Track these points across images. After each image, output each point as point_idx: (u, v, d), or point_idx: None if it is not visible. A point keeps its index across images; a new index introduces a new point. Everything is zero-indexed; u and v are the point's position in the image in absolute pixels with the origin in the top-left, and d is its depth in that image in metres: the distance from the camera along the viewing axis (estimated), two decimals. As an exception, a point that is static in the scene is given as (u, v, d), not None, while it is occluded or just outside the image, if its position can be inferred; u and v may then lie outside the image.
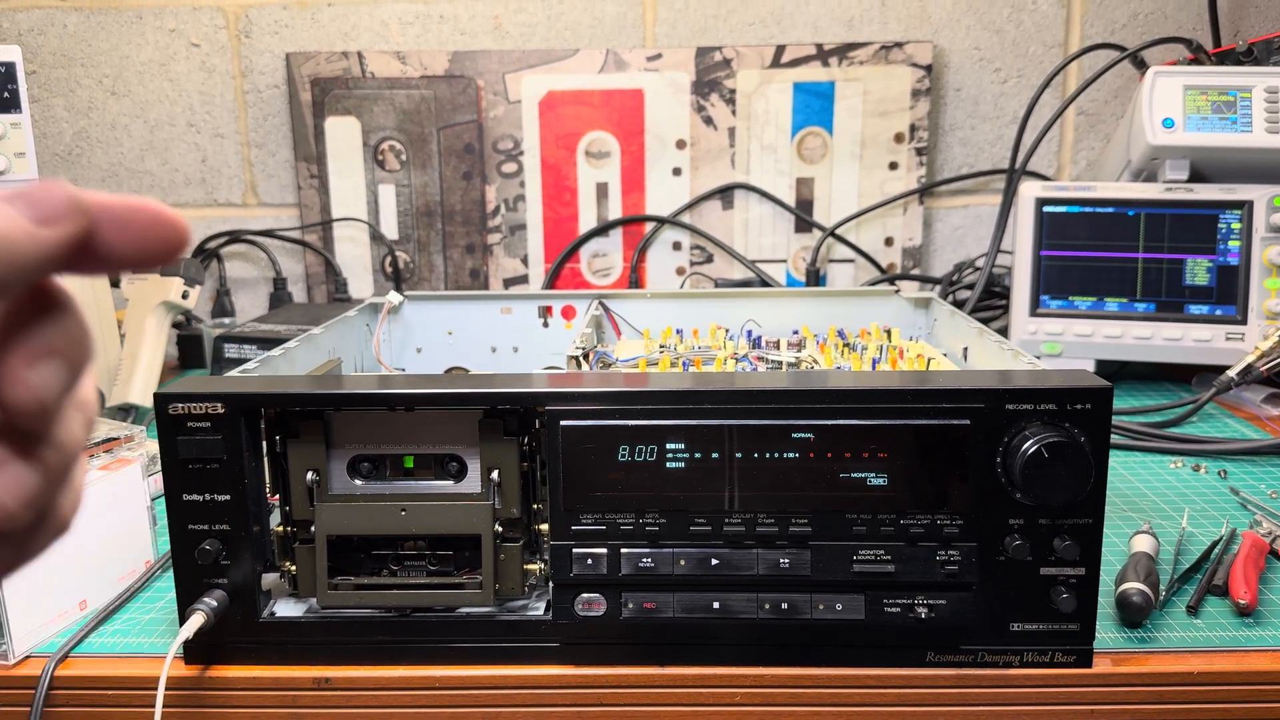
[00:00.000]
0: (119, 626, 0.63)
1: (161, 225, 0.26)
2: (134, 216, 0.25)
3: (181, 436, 0.56)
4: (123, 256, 0.25)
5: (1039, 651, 0.57)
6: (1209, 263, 1.05)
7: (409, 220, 1.30)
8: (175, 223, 0.26)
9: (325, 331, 0.82)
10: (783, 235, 1.29)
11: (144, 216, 0.25)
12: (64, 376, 0.25)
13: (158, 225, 0.26)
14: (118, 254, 0.25)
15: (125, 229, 0.25)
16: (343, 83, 1.26)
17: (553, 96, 1.26)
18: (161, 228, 0.26)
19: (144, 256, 0.26)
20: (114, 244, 0.25)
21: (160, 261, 0.26)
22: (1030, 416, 0.55)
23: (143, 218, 0.25)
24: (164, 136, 1.32)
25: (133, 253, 0.25)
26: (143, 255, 0.26)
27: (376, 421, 0.58)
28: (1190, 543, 0.71)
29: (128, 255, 0.25)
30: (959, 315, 0.83)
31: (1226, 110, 1.05)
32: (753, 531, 0.56)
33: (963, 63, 1.28)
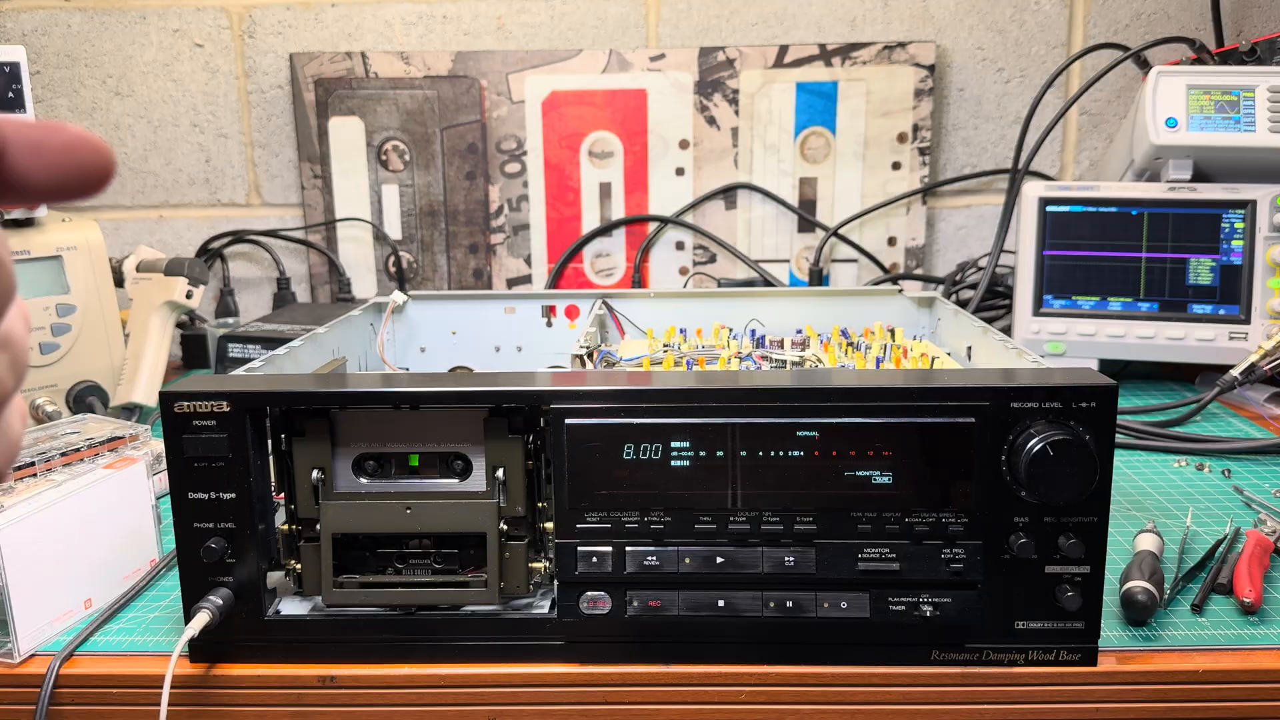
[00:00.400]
0: (124, 625, 0.63)
1: (77, 149, 0.24)
2: (48, 140, 0.24)
3: (187, 435, 0.56)
4: (36, 184, 0.24)
5: (1044, 650, 0.57)
6: (1212, 262, 1.05)
7: (412, 220, 1.30)
8: (93, 146, 0.24)
9: (329, 331, 0.82)
10: (786, 235, 1.29)
11: (58, 139, 0.24)
12: None
13: (72, 149, 0.24)
14: (31, 181, 0.24)
15: (37, 154, 0.23)
16: (346, 83, 1.27)
17: (556, 96, 1.27)
18: (77, 152, 0.24)
19: (61, 185, 0.24)
20: (26, 171, 0.23)
21: (82, 192, 0.24)
22: (1035, 414, 0.55)
23: (57, 141, 0.24)
24: (167, 137, 1.32)
25: (46, 180, 0.24)
26: (59, 183, 0.24)
27: (381, 420, 0.58)
28: (1194, 541, 0.71)
29: (42, 182, 0.24)
30: (963, 314, 0.83)
31: (1230, 110, 1.05)
32: (757, 530, 0.56)
33: (965, 62, 1.28)
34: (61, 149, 0.24)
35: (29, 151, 0.23)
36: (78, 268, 0.98)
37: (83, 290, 0.98)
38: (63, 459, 0.70)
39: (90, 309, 0.98)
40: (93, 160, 0.24)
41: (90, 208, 1.33)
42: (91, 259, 0.99)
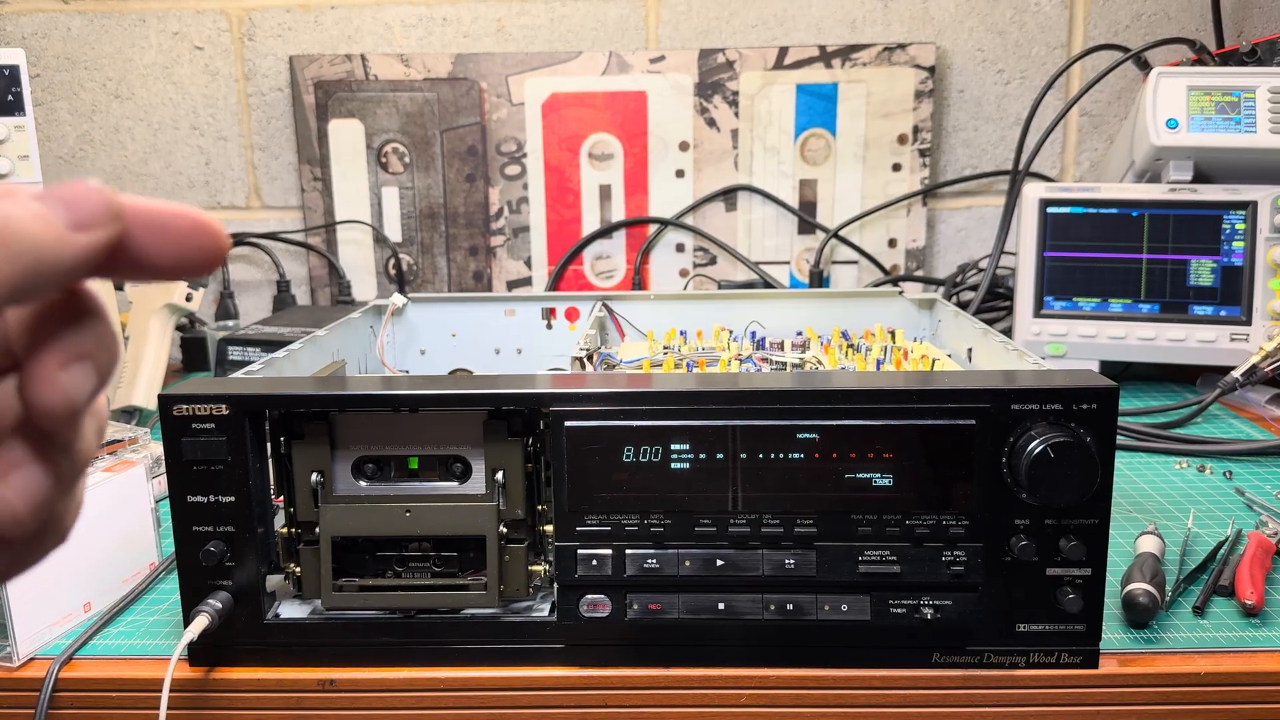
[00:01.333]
0: (123, 628, 0.63)
1: (200, 235, 0.25)
2: (173, 224, 0.25)
3: (186, 438, 0.56)
4: (158, 265, 0.25)
5: (1045, 652, 0.57)
6: (1213, 263, 1.04)
7: (412, 223, 1.30)
8: (215, 232, 0.25)
9: (329, 333, 0.82)
10: (786, 237, 1.29)
11: (183, 224, 0.25)
12: (93, 381, 0.25)
13: (197, 234, 0.25)
14: (153, 261, 0.25)
15: (162, 236, 0.24)
16: (346, 85, 1.27)
17: (556, 99, 1.26)
18: (201, 237, 0.25)
19: (180, 266, 0.25)
20: (150, 251, 0.24)
21: (197, 272, 0.25)
22: (1036, 416, 0.55)
23: (182, 225, 0.25)
24: (167, 139, 1.32)
25: (169, 262, 0.25)
26: (179, 264, 0.25)
27: (381, 423, 0.58)
28: (1196, 543, 0.71)
29: (163, 264, 0.25)
30: (963, 316, 0.83)
31: (1230, 111, 1.05)
32: (758, 532, 0.56)
33: (966, 64, 1.28)
34: (185, 234, 0.25)
35: (154, 235, 0.24)
36: (77, 271, 0.98)
37: (82, 293, 0.98)
38: (62, 462, 0.70)
39: (90, 312, 0.98)
40: (211, 245, 0.25)
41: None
42: (91, 262, 0.99)
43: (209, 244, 0.25)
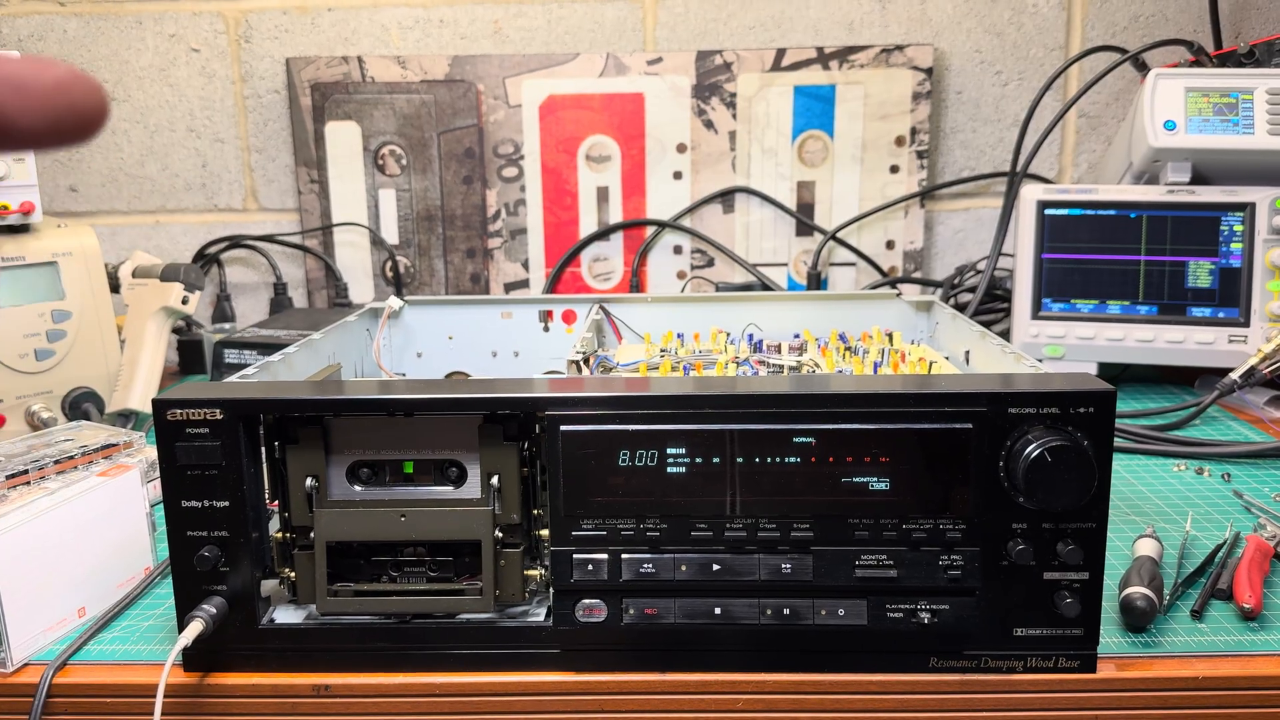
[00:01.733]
0: (118, 634, 0.63)
1: (73, 88, 0.22)
2: (37, 78, 0.22)
3: (180, 443, 0.55)
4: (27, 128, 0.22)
5: (1043, 656, 0.57)
6: (1211, 265, 1.04)
7: (409, 225, 1.30)
8: (89, 83, 0.22)
9: (325, 336, 0.82)
10: (784, 239, 1.29)
11: (48, 77, 0.22)
12: None
13: (67, 87, 0.22)
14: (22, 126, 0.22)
15: (25, 95, 0.22)
16: (343, 87, 1.26)
17: (553, 100, 1.26)
18: (73, 91, 0.22)
19: (53, 128, 0.22)
20: (15, 113, 0.22)
21: (75, 136, 0.22)
22: (1033, 420, 0.54)
23: (47, 78, 0.22)
24: (164, 141, 1.31)
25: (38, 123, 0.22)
26: (51, 126, 0.22)
27: (376, 427, 0.58)
28: (1194, 546, 0.71)
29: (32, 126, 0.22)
30: (960, 318, 0.83)
31: (1228, 112, 1.05)
32: (754, 537, 0.56)
33: (964, 65, 1.28)
34: (52, 88, 0.22)
35: (14, 91, 0.22)
36: (73, 274, 0.98)
37: (78, 296, 0.98)
38: (56, 466, 0.70)
39: (86, 315, 0.98)
40: (86, 99, 0.22)
41: (86, 213, 1.33)
42: (87, 265, 0.99)
43: (80, 98, 0.22)
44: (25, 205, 0.96)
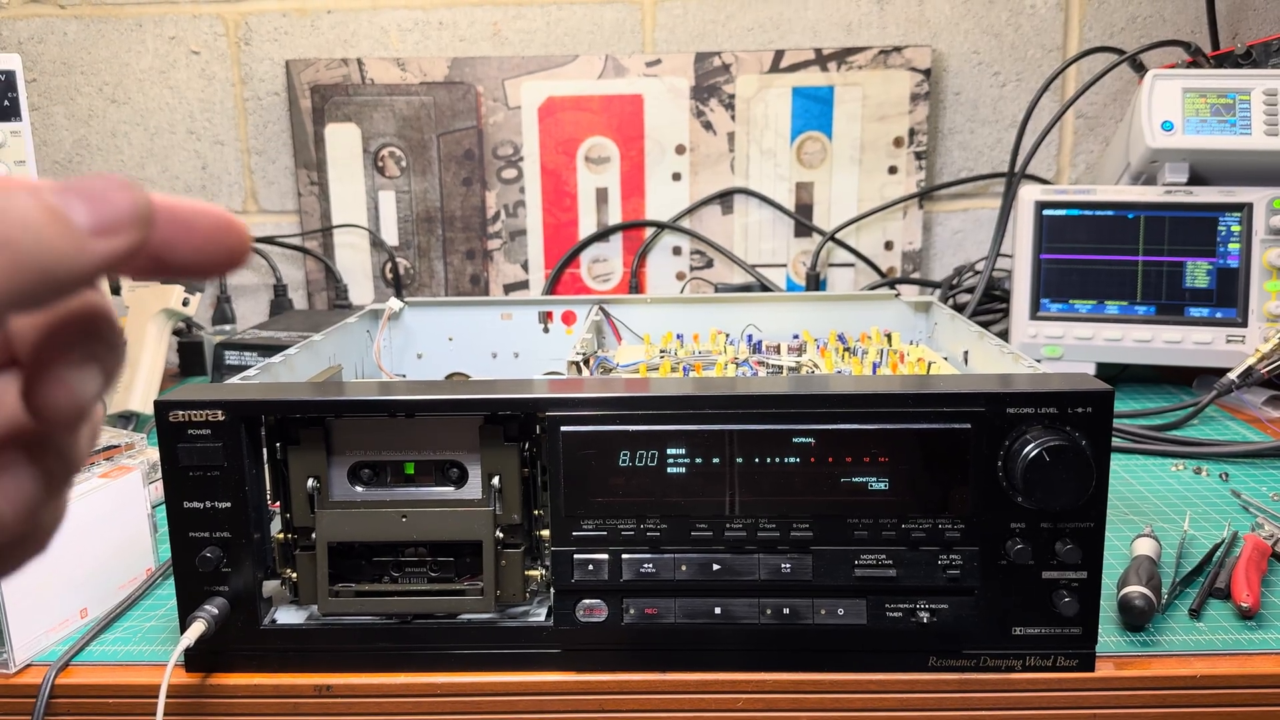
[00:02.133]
0: (120, 634, 0.63)
1: (225, 234, 0.24)
2: (198, 222, 0.23)
3: (182, 444, 0.56)
4: (179, 264, 0.23)
5: (1041, 655, 0.57)
6: (1209, 265, 1.05)
7: (409, 226, 1.30)
8: (239, 231, 0.24)
9: (326, 338, 0.82)
10: (782, 240, 1.29)
11: (208, 223, 0.24)
12: (99, 383, 0.24)
13: (221, 233, 0.24)
14: (174, 261, 0.23)
15: (186, 236, 0.23)
16: (342, 89, 1.27)
17: (552, 102, 1.27)
18: (226, 236, 0.24)
19: (204, 265, 0.24)
20: (172, 251, 0.23)
21: (219, 271, 0.24)
22: (1031, 420, 0.55)
23: (207, 224, 0.24)
24: (164, 144, 1.32)
25: (190, 261, 0.23)
26: (202, 265, 0.24)
27: (377, 428, 0.58)
28: (1192, 546, 0.71)
29: (185, 263, 0.23)
30: (959, 319, 0.83)
31: (1225, 113, 1.05)
32: (754, 536, 0.56)
33: (961, 66, 1.28)
34: (211, 230, 0.24)
35: (179, 232, 0.23)
36: (74, 276, 0.98)
37: (79, 298, 0.98)
38: (58, 468, 0.70)
39: (86, 317, 0.98)
40: (237, 245, 0.24)
41: (87, 215, 1.33)
42: (88, 267, 0.99)
43: (234, 243, 0.24)
44: (26, 207, 0.96)
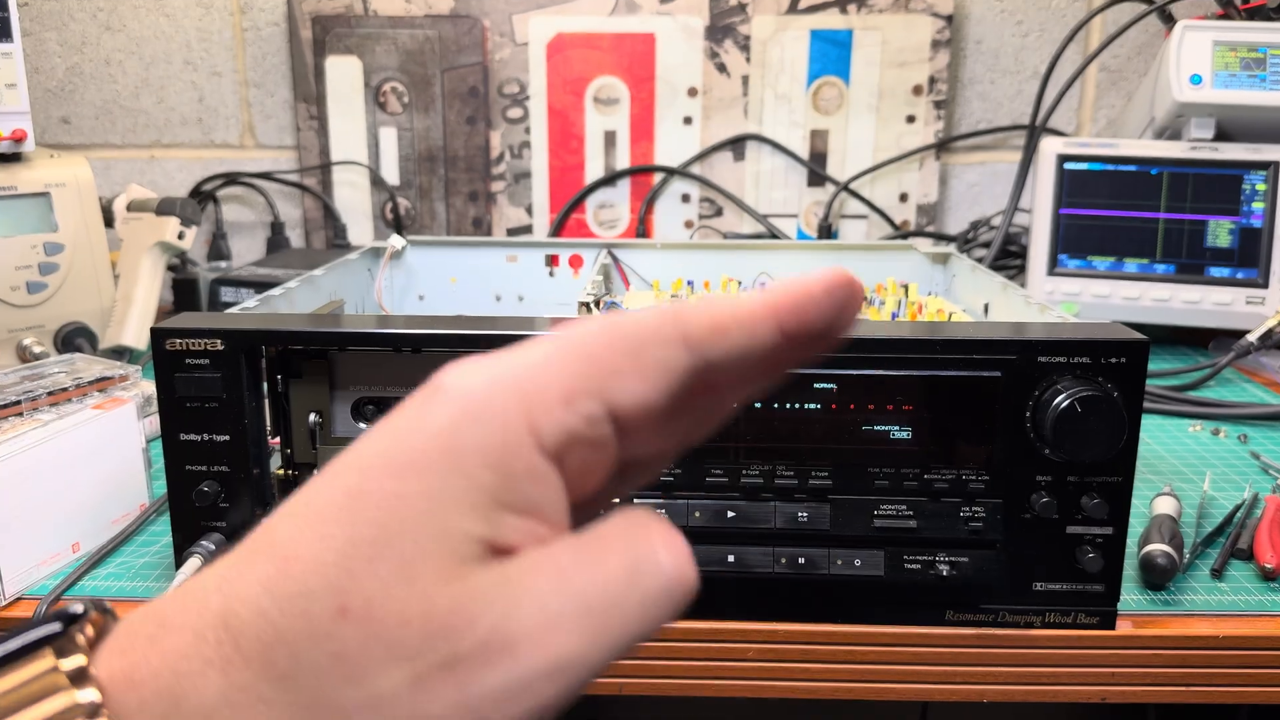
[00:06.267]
0: (113, 569, 0.61)
1: (845, 310, 0.24)
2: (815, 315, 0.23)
3: (179, 374, 0.53)
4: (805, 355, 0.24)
5: (1061, 612, 0.56)
6: (1231, 224, 1.02)
7: (410, 165, 1.27)
8: (855, 294, 0.24)
9: (326, 274, 0.79)
10: (794, 189, 1.26)
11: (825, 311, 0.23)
12: None
13: (840, 311, 0.23)
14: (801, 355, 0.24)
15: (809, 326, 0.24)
16: (344, 20, 1.22)
17: (561, 39, 1.22)
18: (846, 311, 0.24)
19: (827, 342, 0.24)
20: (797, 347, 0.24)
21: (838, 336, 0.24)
22: (1063, 370, 0.53)
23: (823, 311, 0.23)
24: (160, 74, 1.27)
25: (813, 348, 0.24)
26: (826, 341, 0.24)
27: (382, 363, 0.56)
28: (1212, 506, 0.70)
29: (809, 350, 0.24)
30: (981, 270, 0.81)
31: (1255, 68, 1.02)
32: (771, 484, 0.55)
33: (984, 14, 1.24)
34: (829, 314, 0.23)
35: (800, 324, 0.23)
36: (66, 205, 0.95)
37: (71, 229, 0.95)
38: (50, 398, 0.68)
39: (79, 248, 0.95)
40: (856, 307, 0.24)
41: (79, 145, 1.29)
42: (81, 197, 0.96)
43: (854, 308, 0.24)
44: (17, 133, 0.92)
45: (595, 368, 0.22)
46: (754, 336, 0.23)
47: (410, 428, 0.22)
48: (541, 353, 0.22)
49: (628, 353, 0.22)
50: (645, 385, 0.22)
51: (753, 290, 0.25)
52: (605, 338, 0.22)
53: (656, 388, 0.22)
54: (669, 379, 0.22)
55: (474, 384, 0.22)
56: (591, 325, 0.23)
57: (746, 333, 0.23)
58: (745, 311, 0.23)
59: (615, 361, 0.22)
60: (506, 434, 0.21)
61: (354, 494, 0.21)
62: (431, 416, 0.22)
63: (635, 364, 0.22)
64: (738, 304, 0.23)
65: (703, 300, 0.24)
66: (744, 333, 0.23)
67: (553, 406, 0.21)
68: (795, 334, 0.23)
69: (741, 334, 0.23)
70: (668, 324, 0.23)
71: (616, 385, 0.22)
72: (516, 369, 0.22)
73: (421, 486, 0.21)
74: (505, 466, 0.21)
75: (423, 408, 0.22)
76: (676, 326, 0.23)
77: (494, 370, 0.22)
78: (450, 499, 0.21)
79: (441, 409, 0.22)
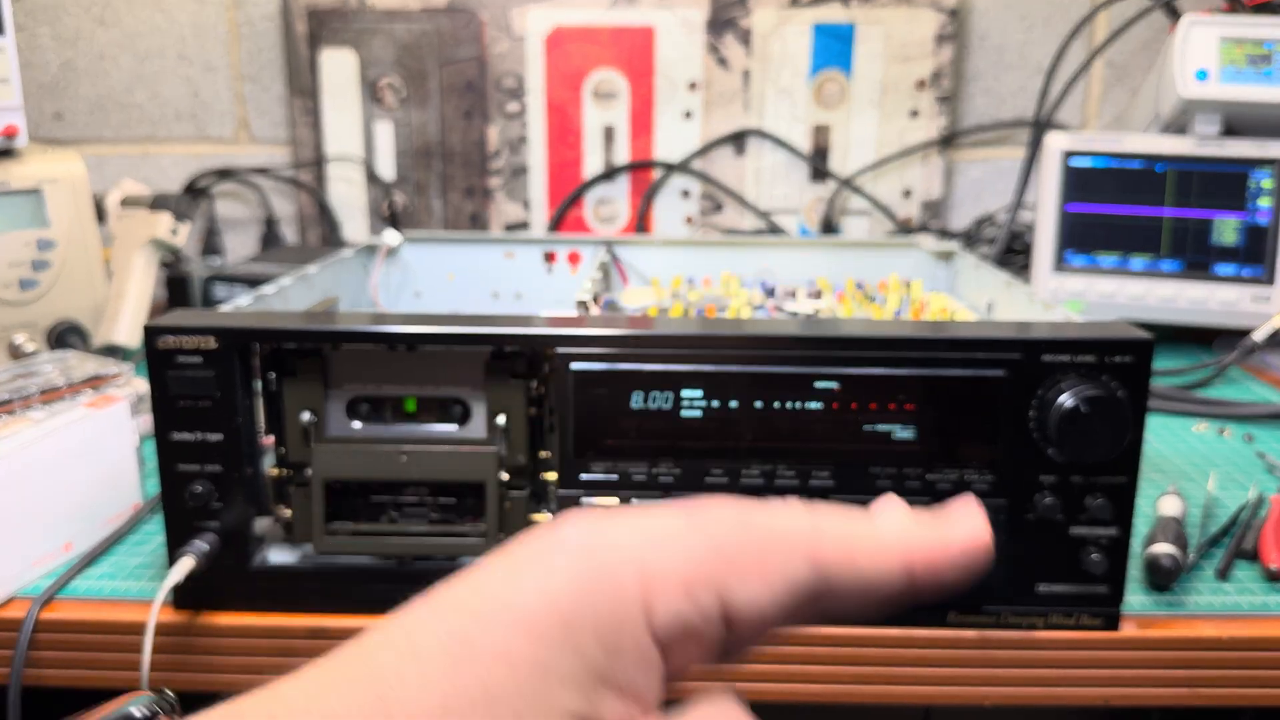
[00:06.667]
0: (106, 569, 0.61)
1: (973, 568, 0.25)
2: (951, 575, 0.25)
3: (171, 371, 0.53)
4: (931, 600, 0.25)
5: (1065, 614, 0.55)
6: (1238, 222, 1.01)
7: (406, 161, 1.26)
8: (984, 553, 0.24)
9: (321, 271, 0.78)
10: (796, 185, 1.25)
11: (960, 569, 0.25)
12: None
13: (970, 570, 0.25)
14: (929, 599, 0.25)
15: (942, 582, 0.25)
16: (340, 14, 1.21)
17: (559, 33, 1.21)
18: (973, 569, 0.25)
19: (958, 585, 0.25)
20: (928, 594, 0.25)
21: None
22: (1067, 369, 0.52)
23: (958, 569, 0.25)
24: (153, 68, 1.26)
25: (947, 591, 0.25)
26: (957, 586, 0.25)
27: (377, 361, 0.55)
28: (1217, 507, 0.69)
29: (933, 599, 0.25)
30: (985, 267, 0.80)
31: (1262, 63, 1.01)
32: (771, 484, 0.54)
33: (989, 8, 1.23)
34: (964, 571, 0.25)
35: (928, 574, 0.24)
36: (59, 201, 0.94)
37: (64, 225, 0.94)
38: (42, 397, 0.67)
39: (72, 244, 0.94)
40: (984, 564, 0.25)
41: (72, 141, 1.28)
42: (73, 192, 0.95)
43: (981, 572, 0.25)
44: (9, 128, 0.91)
45: (721, 560, 0.22)
46: (881, 574, 0.23)
47: (529, 582, 0.21)
48: (670, 526, 0.22)
49: (756, 553, 0.22)
50: (765, 592, 0.22)
51: (889, 510, 0.25)
52: (738, 530, 0.22)
53: (775, 597, 0.22)
54: (789, 592, 0.22)
55: (598, 546, 0.22)
56: (726, 511, 0.23)
57: (875, 569, 0.23)
58: (880, 548, 0.23)
59: (742, 559, 0.22)
60: (622, 610, 0.21)
61: (463, 642, 0.21)
62: (552, 576, 0.21)
63: (760, 568, 0.22)
64: (875, 538, 0.23)
65: (841, 520, 0.23)
66: (873, 568, 0.23)
67: (672, 590, 0.21)
68: (921, 584, 0.23)
69: (870, 569, 0.23)
70: (802, 536, 0.23)
71: (738, 585, 0.22)
72: (643, 539, 0.22)
73: (531, 653, 0.20)
74: (616, 644, 0.21)
75: (544, 559, 0.22)
76: (810, 542, 0.23)
77: (619, 535, 0.22)
78: (557, 674, 0.20)
79: (563, 569, 0.22)
